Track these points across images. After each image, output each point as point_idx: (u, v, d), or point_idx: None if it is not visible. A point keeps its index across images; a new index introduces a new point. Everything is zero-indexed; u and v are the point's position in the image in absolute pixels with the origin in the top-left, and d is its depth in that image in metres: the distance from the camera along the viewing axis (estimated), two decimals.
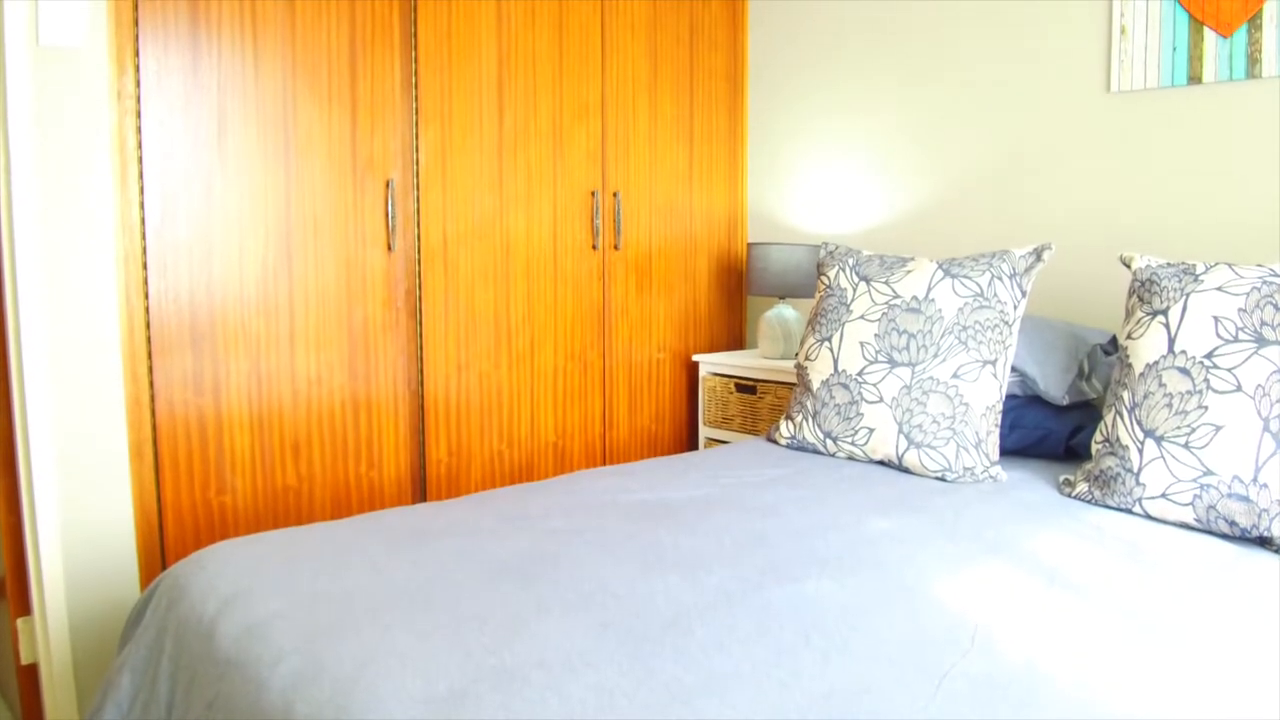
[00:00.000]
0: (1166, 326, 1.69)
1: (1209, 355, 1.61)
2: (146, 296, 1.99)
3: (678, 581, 1.32)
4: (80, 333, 1.92)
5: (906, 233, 2.79)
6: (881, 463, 2.02)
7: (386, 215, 2.29)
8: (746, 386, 2.78)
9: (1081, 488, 1.76)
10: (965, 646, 1.14)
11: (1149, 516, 1.64)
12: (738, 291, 3.18)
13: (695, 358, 2.94)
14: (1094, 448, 1.78)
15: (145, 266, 1.98)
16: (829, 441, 2.08)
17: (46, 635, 1.95)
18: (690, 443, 3.07)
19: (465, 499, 1.78)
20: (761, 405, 2.73)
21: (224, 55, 2.05)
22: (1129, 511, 1.67)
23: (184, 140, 2.01)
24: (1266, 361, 1.55)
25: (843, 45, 2.91)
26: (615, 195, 2.76)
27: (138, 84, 1.95)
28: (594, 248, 2.73)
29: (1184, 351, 1.65)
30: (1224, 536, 1.56)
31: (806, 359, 2.18)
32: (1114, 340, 2.19)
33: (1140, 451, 1.65)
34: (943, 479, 1.91)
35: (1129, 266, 1.87)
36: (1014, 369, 2.08)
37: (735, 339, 3.19)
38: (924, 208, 2.74)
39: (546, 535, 1.53)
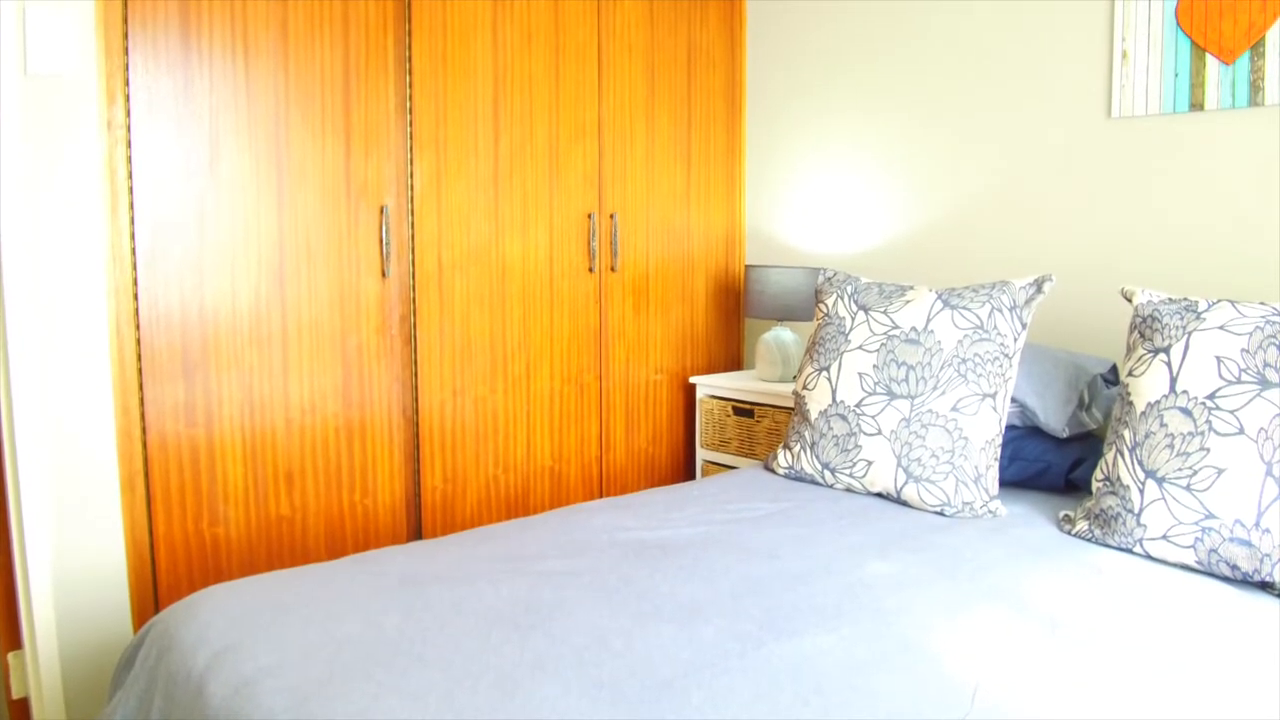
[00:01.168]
0: (1168, 365, 1.67)
1: (1211, 396, 1.60)
2: (138, 328, 1.97)
3: (674, 634, 1.30)
4: (70, 366, 1.90)
5: (905, 255, 2.77)
6: (880, 495, 2.00)
7: (381, 241, 2.27)
8: (744, 410, 2.76)
9: (1082, 526, 1.74)
10: (965, 707, 1.12)
11: (1149, 557, 1.63)
12: (735, 311, 3.16)
13: (692, 379, 2.92)
14: (1094, 485, 1.77)
15: (136, 298, 1.96)
16: (827, 473, 2.06)
17: (38, 669, 1.93)
18: (688, 465, 3.05)
19: (459, 537, 1.76)
20: (759, 429, 2.71)
21: (216, 82, 2.02)
22: (1129, 551, 1.65)
23: (175, 169, 1.99)
24: (1269, 404, 1.54)
25: (842, 66, 2.89)
26: (612, 217, 2.74)
27: (128, 113, 1.92)
28: (590, 270, 2.71)
29: (1186, 391, 1.63)
30: (1225, 580, 1.55)
31: (805, 388, 2.16)
32: (1114, 369, 2.17)
33: (1141, 492, 1.64)
34: (942, 514, 1.89)
35: (1130, 300, 1.85)
36: (1014, 400, 2.06)
37: (733, 359, 3.17)
38: (923, 230, 2.72)
39: (542, 580, 1.51)
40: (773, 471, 2.20)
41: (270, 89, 2.09)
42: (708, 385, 2.88)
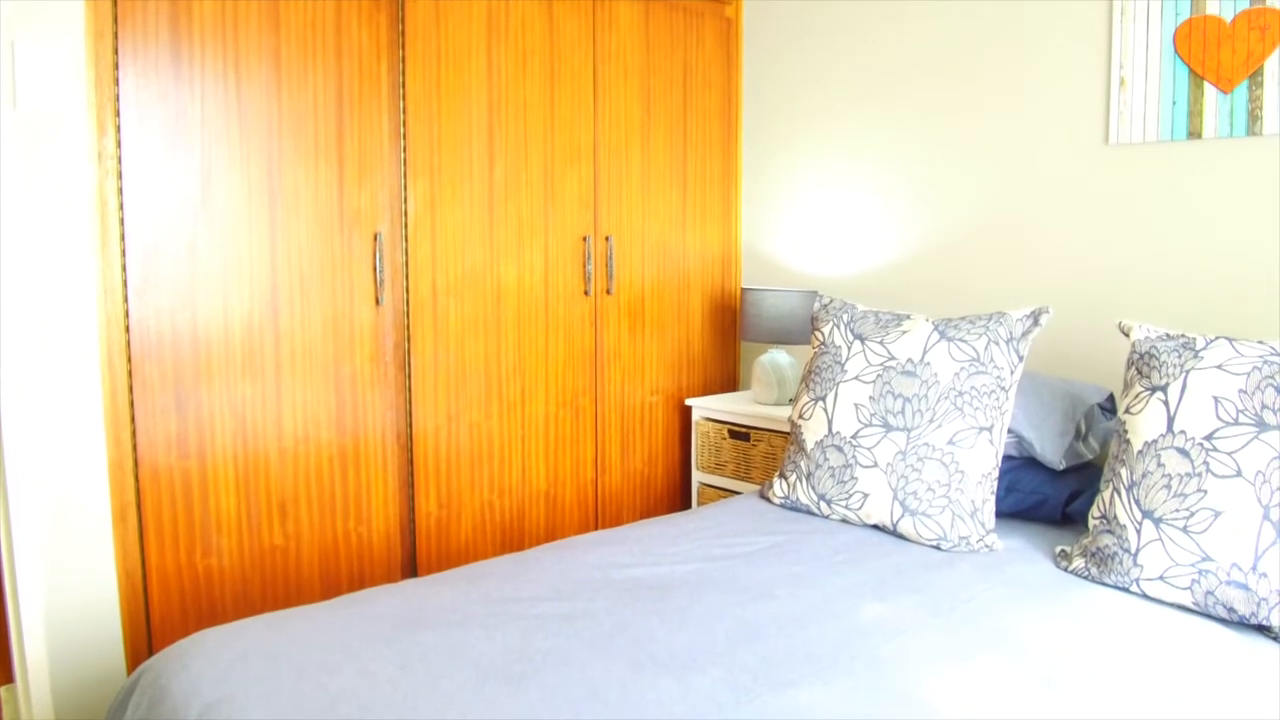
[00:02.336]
0: (1166, 404, 1.66)
1: (1209, 437, 1.59)
2: (129, 359, 1.95)
3: (669, 686, 1.29)
4: (62, 398, 1.89)
5: (902, 279, 2.76)
6: (876, 527, 1.99)
7: (374, 269, 2.26)
8: (740, 433, 2.75)
9: (1078, 563, 1.74)
10: None
11: (1146, 597, 1.62)
12: (731, 331, 3.15)
13: (688, 401, 2.91)
14: (1091, 523, 1.76)
15: (128, 329, 1.95)
16: (823, 504, 2.05)
17: (29, 703, 1.92)
18: (683, 487, 3.04)
19: (453, 575, 1.75)
20: (755, 452, 2.71)
21: (208, 112, 2.01)
22: (1126, 590, 1.65)
23: (167, 199, 1.97)
24: (1267, 447, 1.53)
25: (838, 85, 2.87)
26: (608, 239, 2.73)
27: (119, 144, 1.91)
28: (586, 293, 2.70)
29: (1183, 432, 1.62)
30: (1222, 621, 1.54)
31: (801, 417, 2.15)
32: (1112, 398, 2.17)
33: (1138, 532, 1.63)
34: (938, 548, 1.88)
35: (1128, 336, 1.84)
36: (1010, 431, 2.06)
37: (729, 380, 3.17)
38: (920, 254, 2.72)
39: (536, 625, 1.50)
40: (768, 501, 2.19)
41: (263, 118, 2.08)
42: (703, 408, 2.87)
